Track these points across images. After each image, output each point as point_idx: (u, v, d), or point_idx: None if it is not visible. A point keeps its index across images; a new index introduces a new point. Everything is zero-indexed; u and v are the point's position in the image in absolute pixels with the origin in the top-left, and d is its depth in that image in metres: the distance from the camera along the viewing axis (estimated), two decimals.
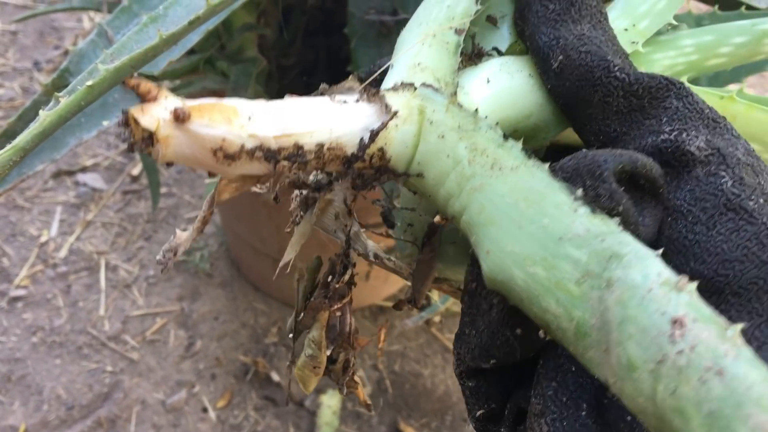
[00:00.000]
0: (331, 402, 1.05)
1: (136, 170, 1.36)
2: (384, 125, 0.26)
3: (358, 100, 0.27)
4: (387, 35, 0.73)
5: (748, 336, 0.23)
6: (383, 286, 1.16)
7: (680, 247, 0.25)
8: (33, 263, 1.20)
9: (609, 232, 0.23)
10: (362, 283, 1.03)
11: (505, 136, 0.27)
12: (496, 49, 0.33)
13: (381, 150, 0.27)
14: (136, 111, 0.23)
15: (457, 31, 0.30)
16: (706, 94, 0.32)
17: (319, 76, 0.90)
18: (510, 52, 0.33)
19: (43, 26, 1.62)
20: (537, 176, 0.25)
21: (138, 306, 1.17)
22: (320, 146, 0.26)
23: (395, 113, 0.27)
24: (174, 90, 0.70)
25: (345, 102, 0.27)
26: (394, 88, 0.28)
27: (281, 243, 0.98)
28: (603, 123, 0.29)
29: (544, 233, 0.24)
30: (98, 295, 1.17)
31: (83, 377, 1.08)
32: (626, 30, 0.33)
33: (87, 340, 1.12)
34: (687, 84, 0.28)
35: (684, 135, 0.26)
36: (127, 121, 0.23)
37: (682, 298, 0.20)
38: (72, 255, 1.22)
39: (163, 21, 0.44)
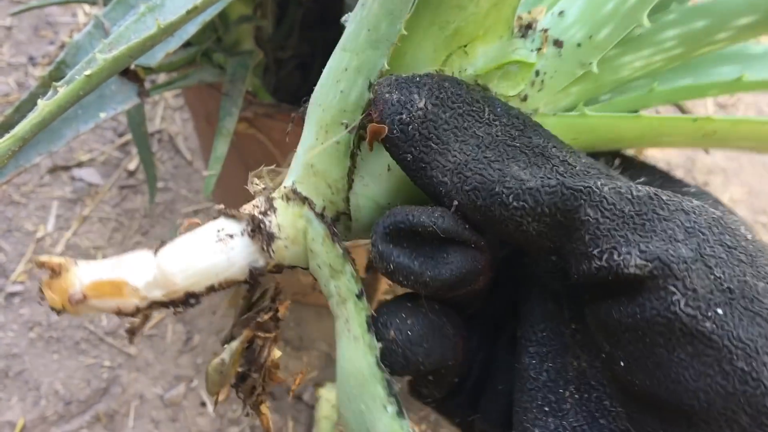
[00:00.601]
0: (330, 395, 1.05)
1: (132, 165, 1.36)
2: (263, 270, 0.28)
3: (243, 233, 0.28)
4: None
5: None
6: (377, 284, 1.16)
7: (643, 367, 0.23)
8: (30, 259, 1.20)
9: None
10: None
11: (360, 293, 0.27)
12: None
13: (277, 265, 0.29)
14: (45, 288, 0.27)
15: (349, 129, 0.27)
16: (677, 121, 0.29)
17: (316, 69, 0.90)
18: None
19: (38, 21, 1.61)
20: (367, 359, 0.26)
21: None
22: (211, 287, 0.28)
23: (270, 263, 0.29)
24: (171, 83, 0.70)
25: (231, 238, 0.28)
26: (287, 197, 0.29)
27: None
28: (535, 245, 0.25)
29: (360, 417, 0.26)
30: None
31: (81, 372, 1.08)
32: (579, 46, 0.29)
33: (84, 335, 1.12)
34: (599, 185, 0.23)
35: (615, 256, 0.22)
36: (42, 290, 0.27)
37: None
38: (69, 250, 1.22)
39: (160, 11, 0.44)
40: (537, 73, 0.29)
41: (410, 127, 0.24)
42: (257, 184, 0.30)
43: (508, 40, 0.27)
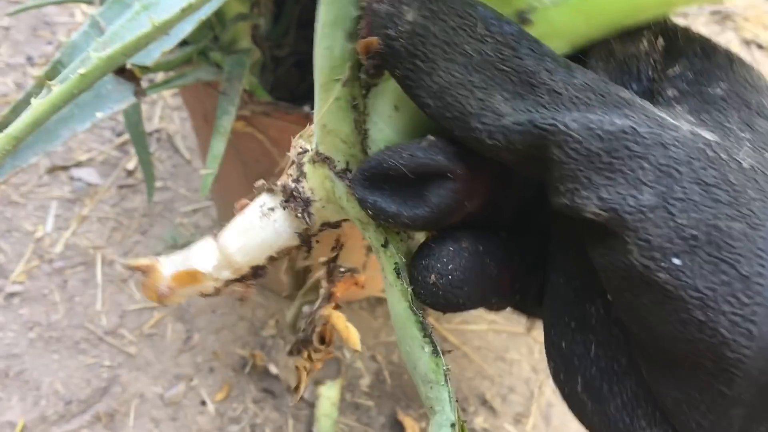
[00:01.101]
0: (330, 393, 1.05)
1: (131, 164, 1.35)
2: (310, 233, 0.31)
3: (281, 204, 0.30)
4: None
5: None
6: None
7: (625, 312, 0.23)
8: (29, 259, 1.20)
9: (436, 381, 0.27)
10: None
11: (385, 242, 0.28)
12: None
13: (324, 223, 0.31)
14: (142, 288, 0.31)
15: (343, 83, 0.27)
16: None
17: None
18: None
19: (36, 21, 1.61)
20: (401, 304, 0.28)
21: (135, 300, 1.17)
22: (271, 257, 0.30)
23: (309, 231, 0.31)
24: (168, 81, 0.70)
25: (272, 211, 0.30)
26: (313, 160, 0.30)
27: None
28: (520, 172, 0.25)
29: (408, 356, 0.29)
30: (95, 290, 1.17)
31: (81, 372, 1.08)
32: None
33: (84, 334, 1.12)
34: (567, 121, 0.22)
35: (576, 199, 0.22)
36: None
37: None
38: (68, 250, 1.22)
39: (155, 9, 0.44)
40: None
41: (396, 42, 0.23)
42: (299, 148, 0.31)
43: None
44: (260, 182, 0.31)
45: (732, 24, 1.79)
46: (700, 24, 1.79)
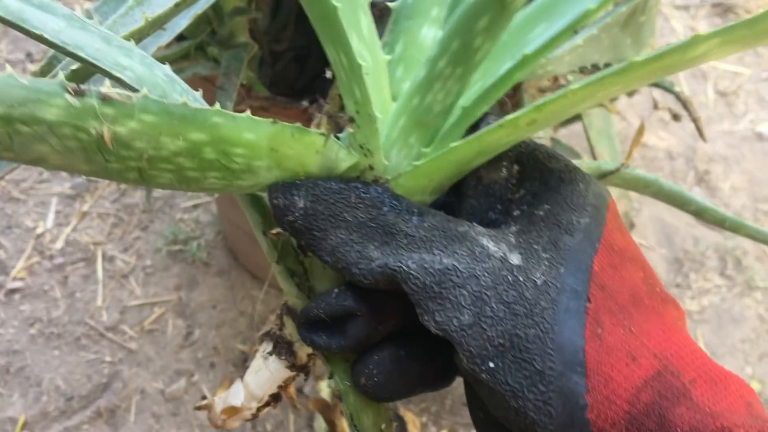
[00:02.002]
0: (330, 389, 1.05)
1: None
2: (300, 362, 0.38)
3: (275, 350, 0.38)
4: (379, 18, 0.72)
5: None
6: None
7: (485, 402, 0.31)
8: (29, 255, 1.20)
9: None
10: None
11: (331, 374, 0.37)
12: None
13: (309, 354, 0.39)
14: (210, 421, 0.40)
15: (276, 262, 0.37)
16: (495, 131, 0.30)
17: (313, 62, 0.89)
18: None
19: None
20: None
21: (135, 296, 1.17)
22: (281, 386, 0.39)
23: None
24: None
25: (269, 355, 0.38)
26: (286, 312, 0.38)
27: None
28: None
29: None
30: (95, 286, 1.17)
31: (82, 368, 1.08)
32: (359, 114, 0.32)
33: (85, 330, 1.12)
34: (409, 264, 0.29)
35: (424, 320, 0.29)
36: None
37: None
38: (68, 246, 1.22)
39: (149, 4, 0.44)
40: (361, 147, 0.32)
41: (296, 223, 0.30)
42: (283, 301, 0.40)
43: (326, 149, 0.31)
44: (261, 332, 0.39)
45: (734, 16, 1.78)
46: (702, 17, 1.78)
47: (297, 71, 0.92)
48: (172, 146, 0.27)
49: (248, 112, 0.29)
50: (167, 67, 0.34)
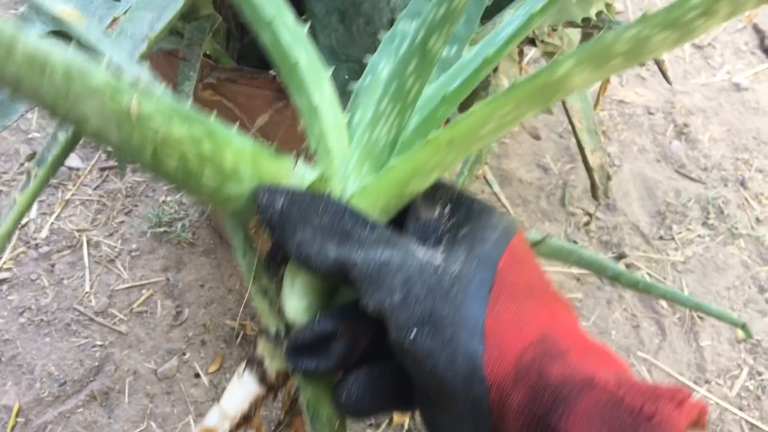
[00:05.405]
0: None
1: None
2: (271, 382, 0.41)
3: (246, 368, 0.42)
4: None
5: None
6: None
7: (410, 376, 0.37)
8: (15, 245, 1.20)
9: None
10: None
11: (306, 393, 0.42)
12: None
13: (278, 373, 0.41)
14: None
15: (252, 282, 0.42)
16: (424, 149, 0.38)
17: None
18: None
19: None
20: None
21: (123, 280, 1.17)
22: (252, 403, 0.41)
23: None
24: None
25: (242, 375, 0.41)
26: (260, 331, 0.42)
27: None
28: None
29: None
30: (83, 272, 1.18)
31: (73, 353, 1.09)
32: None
33: (74, 316, 1.13)
34: (354, 257, 0.35)
35: (364, 302, 0.35)
36: None
37: None
38: (53, 235, 1.22)
39: None
40: (321, 175, 0.39)
41: (273, 218, 0.36)
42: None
43: (292, 171, 0.39)
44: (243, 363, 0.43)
45: None
46: None
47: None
48: (179, 131, 0.33)
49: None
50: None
